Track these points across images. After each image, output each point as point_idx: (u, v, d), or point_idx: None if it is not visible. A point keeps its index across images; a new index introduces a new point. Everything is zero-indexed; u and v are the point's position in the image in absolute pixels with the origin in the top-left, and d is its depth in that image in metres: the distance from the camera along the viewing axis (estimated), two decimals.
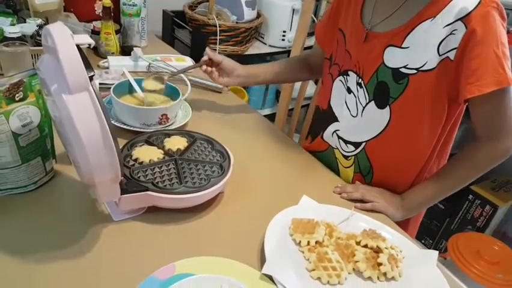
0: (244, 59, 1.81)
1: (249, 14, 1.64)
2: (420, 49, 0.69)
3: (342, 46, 0.82)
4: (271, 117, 1.73)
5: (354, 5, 0.80)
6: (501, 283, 1.26)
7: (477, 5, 0.63)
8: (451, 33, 0.65)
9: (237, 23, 1.61)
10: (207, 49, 0.95)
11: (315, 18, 1.70)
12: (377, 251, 0.61)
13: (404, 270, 0.61)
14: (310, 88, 1.51)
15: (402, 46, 0.70)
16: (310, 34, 1.45)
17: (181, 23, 1.62)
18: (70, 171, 0.70)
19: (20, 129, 0.61)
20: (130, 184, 0.63)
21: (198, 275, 0.53)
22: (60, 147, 0.68)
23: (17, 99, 0.60)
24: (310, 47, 1.37)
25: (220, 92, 1.14)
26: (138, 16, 1.24)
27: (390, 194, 0.80)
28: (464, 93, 0.67)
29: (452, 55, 0.66)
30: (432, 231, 1.70)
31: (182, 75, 1.12)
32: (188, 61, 1.24)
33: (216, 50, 1.59)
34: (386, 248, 0.61)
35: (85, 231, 0.61)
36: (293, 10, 1.71)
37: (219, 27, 1.53)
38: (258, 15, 1.72)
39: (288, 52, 1.44)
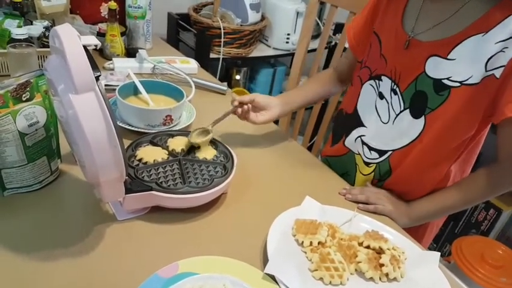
0: (248, 62, 1.83)
1: (253, 16, 1.65)
2: (467, 63, 0.66)
3: (376, 50, 0.80)
4: (275, 121, 1.73)
5: (394, 10, 0.78)
6: (505, 287, 1.26)
7: None
8: (501, 51, 0.64)
9: (241, 25, 1.62)
10: (233, 95, 0.86)
11: (319, 21, 1.71)
12: (379, 252, 0.61)
13: (406, 271, 0.61)
14: None
15: (448, 57, 0.68)
16: (314, 37, 1.45)
17: (185, 25, 1.64)
18: (75, 171, 0.71)
19: (26, 129, 0.61)
20: (134, 184, 0.63)
21: (201, 274, 0.54)
22: (65, 147, 0.69)
23: (23, 99, 0.61)
24: (314, 50, 1.38)
25: (224, 94, 1.15)
26: (143, 18, 1.25)
27: (396, 199, 0.79)
28: (505, 111, 0.65)
29: (498, 73, 0.65)
30: (437, 235, 1.68)
31: (186, 76, 1.13)
32: (192, 63, 1.25)
33: (219, 52, 1.60)
34: (388, 249, 0.61)
35: (89, 230, 0.61)
36: (297, 13, 1.72)
37: (223, 29, 1.54)
38: (262, 18, 1.73)
39: (292, 55, 1.45)
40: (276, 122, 1.50)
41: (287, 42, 1.77)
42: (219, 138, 0.80)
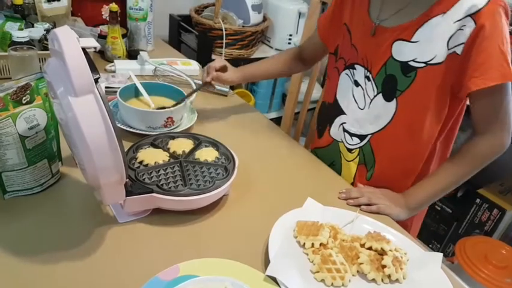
0: (251, 63, 1.82)
1: (255, 17, 1.65)
2: (430, 43, 0.70)
3: (347, 40, 0.84)
4: (277, 120, 1.73)
5: (360, 1, 0.82)
6: (509, 287, 1.25)
7: (486, 3, 0.65)
8: (459, 29, 0.68)
9: (243, 26, 1.62)
10: (208, 78, 0.96)
11: None
12: (382, 253, 0.61)
13: (409, 273, 0.60)
14: (317, 92, 1.51)
15: (412, 40, 0.72)
16: None
17: (187, 27, 1.64)
18: (76, 173, 0.71)
19: (26, 132, 0.61)
20: (135, 186, 0.63)
21: (202, 277, 0.54)
22: (66, 150, 0.69)
23: (24, 102, 0.61)
24: None
25: (226, 96, 1.15)
26: (144, 20, 1.25)
27: (393, 194, 0.80)
28: (470, 85, 0.68)
29: (459, 50, 0.68)
30: (440, 235, 1.68)
31: (188, 78, 1.12)
32: (194, 65, 1.25)
33: (221, 54, 1.59)
34: (390, 250, 0.61)
35: (90, 232, 0.61)
36: (299, 13, 1.72)
37: (225, 31, 1.54)
38: (264, 19, 1.73)
39: None
40: (278, 122, 1.51)
41: (289, 43, 1.77)
42: (220, 140, 0.80)
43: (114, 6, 1.15)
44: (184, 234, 0.64)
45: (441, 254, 0.63)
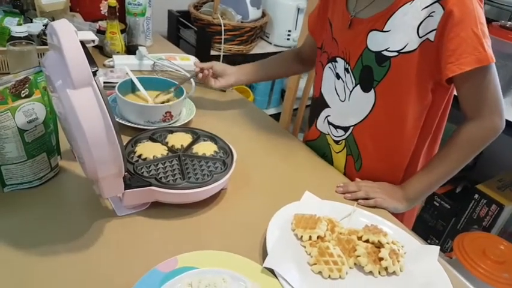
0: (249, 59, 1.82)
1: (254, 13, 1.64)
2: (401, 32, 0.71)
3: (329, 34, 0.85)
4: (276, 116, 1.73)
5: None
6: (507, 282, 1.25)
7: None
8: (429, 15, 0.68)
9: (241, 22, 1.62)
10: (195, 62, 0.99)
11: None
12: (379, 246, 0.61)
13: (405, 265, 0.61)
14: None
15: (384, 30, 0.73)
16: None
17: (186, 22, 1.63)
18: (75, 167, 0.71)
19: (25, 125, 0.62)
20: (133, 179, 0.64)
21: (200, 268, 0.54)
22: (65, 144, 0.69)
23: (22, 95, 0.61)
24: None
25: (225, 91, 1.15)
26: (143, 15, 1.25)
27: (391, 187, 0.80)
28: (446, 72, 0.68)
29: (432, 36, 0.68)
30: (438, 231, 1.68)
31: (186, 73, 1.13)
32: (192, 60, 1.25)
33: (220, 49, 1.59)
34: (387, 243, 0.61)
35: (89, 225, 0.61)
36: (298, 9, 1.71)
37: (224, 26, 1.54)
38: (263, 15, 1.72)
39: None
40: (277, 118, 1.51)
41: (288, 39, 1.77)
42: (219, 134, 0.80)
43: (112, 2, 1.14)
44: (183, 227, 0.64)
45: (438, 247, 0.63)
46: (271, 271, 0.56)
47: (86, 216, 0.63)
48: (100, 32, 1.22)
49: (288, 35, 1.76)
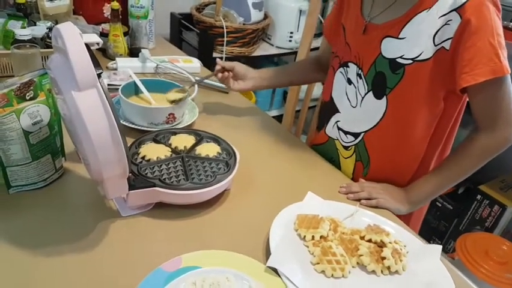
0: (252, 61, 1.82)
1: (256, 15, 1.65)
2: (416, 39, 0.70)
3: (342, 39, 0.85)
4: (278, 118, 1.73)
5: (355, 0, 0.82)
6: (510, 282, 1.25)
7: None
8: (446, 24, 0.67)
9: (244, 24, 1.62)
10: (218, 60, 0.94)
11: (322, 19, 1.71)
12: (381, 245, 0.62)
13: (408, 264, 0.61)
14: (318, 89, 1.52)
15: (399, 37, 0.72)
16: (317, 35, 1.45)
17: (188, 25, 1.64)
18: (79, 169, 0.72)
19: (30, 127, 0.62)
20: (137, 180, 0.64)
21: (204, 268, 0.54)
22: (69, 146, 0.70)
23: (27, 98, 0.62)
24: (317, 48, 1.38)
25: (227, 93, 1.15)
26: (146, 18, 1.26)
27: (394, 188, 0.81)
28: (460, 82, 0.68)
29: (447, 45, 0.68)
30: (441, 231, 1.68)
31: (189, 75, 1.13)
32: (195, 62, 1.26)
33: (222, 51, 1.60)
34: (390, 242, 0.61)
35: (93, 226, 0.62)
36: (300, 11, 1.72)
37: (226, 28, 1.55)
38: (265, 17, 1.73)
39: (295, 53, 1.45)
40: (279, 120, 1.51)
41: (290, 41, 1.77)
42: (221, 136, 0.80)
43: (115, 4, 1.15)
44: (186, 228, 0.65)
45: (441, 246, 0.63)
46: (275, 270, 0.56)
47: (90, 217, 0.64)
48: (103, 34, 1.23)
49: (290, 37, 1.77)
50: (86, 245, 0.58)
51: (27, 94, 0.62)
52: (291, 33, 1.76)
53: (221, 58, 1.61)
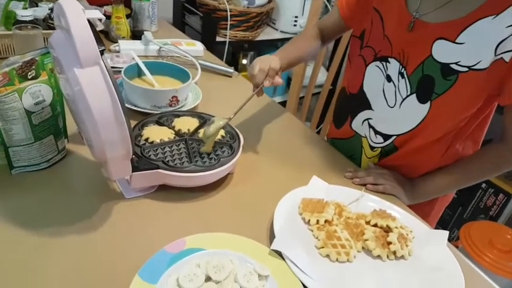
0: (255, 45, 1.80)
1: None
2: (477, 47, 0.64)
3: (379, 29, 0.77)
4: (282, 105, 1.72)
5: None
6: None
7: None
8: (511, 35, 0.62)
9: (248, 7, 1.59)
10: (266, 83, 0.75)
11: (327, 3, 1.68)
12: (387, 230, 0.61)
13: (414, 250, 0.60)
14: (322, 76, 1.50)
15: (456, 41, 0.65)
16: None
17: (191, 8, 1.62)
18: (82, 150, 0.71)
19: (32, 107, 0.61)
20: (141, 162, 0.63)
21: (208, 250, 0.54)
22: (72, 128, 0.69)
23: (29, 77, 0.61)
24: None
25: (231, 76, 1.14)
26: (148, 0, 1.24)
27: (402, 177, 0.79)
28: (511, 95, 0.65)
29: (508, 57, 0.63)
30: (445, 220, 1.68)
31: (192, 58, 1.11)
32: (198, 45, 1.24)
33: (226, 35, 1.58)
34: (396, 227, 0.61)
35: (97, 208, 0.61)
36: None
37: (230, 12, 1.52)
38: (270, 0, 1.70)
39: None
40: (283, 106, 1.50)
41: (295, 25, 1.75)
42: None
43: None
44: (190, 210, 0.64)
45: (447, 232, 0.63)
46: (279, 253, 0.55)
47: (93, 199, 0.63)
48: (105, 16, 1.20)
49: (295, 21, 1.74)
50: (89, 227, 0.58)
51: (29, 73, 0.61)
52: (296, 17, 1.73)
53: (224, 42, 1.59)
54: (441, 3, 0.68)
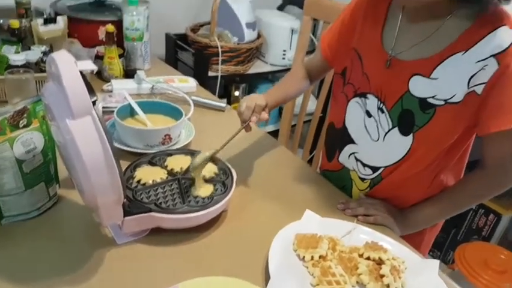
0: (247, 78, 1.84)
1: (249, 34, 1.67)
2: (451, 82, 0.68)
3: (358, 68, 0.80)
4: (274, 133, 1.74)
5: (373, 26, 0.78)
6: None
7: (511, 44, 0.63)
8: (482, 69, 0.65)
9: (238, 44, 1.64)
10: (253, 118, 0.78)
11: (313, 37, 1.74)
12: (380, 262, 0.61)
13: (407, 281, 0.60)
14: (312, 104, 1.53)
15: (431, 77, 0.69)
16: (309, 52, 1.48)
17: (183, 45, 1.66)
18: (74, 195, 0.71)
19: (23, 156, 0.62)
20: (132, 205, 0.64)
21: None
22: (63, 172, 0.69)
23: (21, 125, 0.62)
24: None
25: (223, 111, 1.16)
26: (141, 40, 1.27)
27: (392, 208, 0.80)
28: (489, 126, 0.67)
29: (479, 89, 0.66)
30: (439, 242, 1.68)
31: (185, 95, 1.14)
32: (191, 81, 1.26)
33: (218, 70, 1.61)
34: (388, 259, 0.61)
35: (89, 255, 0.61)
36: (292, 30, 1.75)
37: (221, 48, 1.56)
38: (258, 36, 1.76)
39: (289, 70, 1.47)
40: (276, 136, 1.52)
41: (283, 58, 1.80)
42: (218, 154, 0.80)
43: (110, 27, 1.16)
44: (184, 253, 0.64)
45: (438, 261, 0.64)
46: None
47: (85, 246, 0.62)
48: (98, 57, 1.23)
49: (284, 54, 1.79)
50: (81, 275, 0.57)
51: (21, 122, 0.62)
52: (284, 51, 1.78)
53: (216, 77, 1.63)
54: (415, 42, 0.71)
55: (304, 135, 1.56)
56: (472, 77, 0.66)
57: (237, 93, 1.91)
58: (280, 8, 1.97)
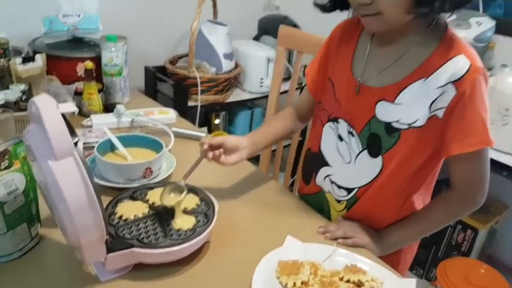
0: (226, 106, 1.88)
1: (227, 65, 1.73)
2: (413, 107, 0.73)
3: (331, 94, 0.85)
4: (256, 158, 1.77)
5: (344, 56, 0.82)
6: None
7: (467, 71, 0.68)
8: (441, 94, 0.70)
9: (216, 74, 1.69)
10: (202, 139, 0.85)
11: (289, 65, 1.81)
12: (359, 284, 0.64)
13: None
14: None
15: (395, 102, 0.74)
16: (285, 79, 1.54)
17: (162, 77, 1.69)
18: (56, 234, 0.71)
19: (5, 197, 0.62)
20: (115, 242, 0.64)
21: None
22: (45, 211, 0.69)
23: (2, 167, 0.62)
24: (287, 91, 1.45)
25: None
26: (120, 75, 1.29)
27: (369, 229, 0.83)
28: (450, 149, 0.72)
29: (440, 113, 0.71)
30: (421, 260, 1.71)
31: (164, 127, 1.16)
32: (171, 112, 1.28)
33: (197, 100, 1.65)
34: (367, 280, 0.63)
35: None
36: (268, 59, 1.82)
37: (200, 79, 1.61)
38: (236, 66, 1.81)
39: (267, 97, 1.51)
40: (257, 159, 1.54)
41: (261, 86, 1.85)
42: (200, 185, 0.82)
43: (89, 64, 1.18)
44: (168, 287, 0.64)
45: (415, 280, 0.66)
46: None
47: (68, 284, 0.62)
48: (77, 93, 1.24)
49: (261, 82, 1.85)
50: None
51: (2, 164, 0.63)
52: (262, 79, 1.84)
53: (196, 106, 1.66)
54: (381, 69, 0.76)
55: (285, 159, 1.60)
56: (433, 102, 0.71)
57: (217, 121, 1.95)
58: (256, 38, 2.04)
